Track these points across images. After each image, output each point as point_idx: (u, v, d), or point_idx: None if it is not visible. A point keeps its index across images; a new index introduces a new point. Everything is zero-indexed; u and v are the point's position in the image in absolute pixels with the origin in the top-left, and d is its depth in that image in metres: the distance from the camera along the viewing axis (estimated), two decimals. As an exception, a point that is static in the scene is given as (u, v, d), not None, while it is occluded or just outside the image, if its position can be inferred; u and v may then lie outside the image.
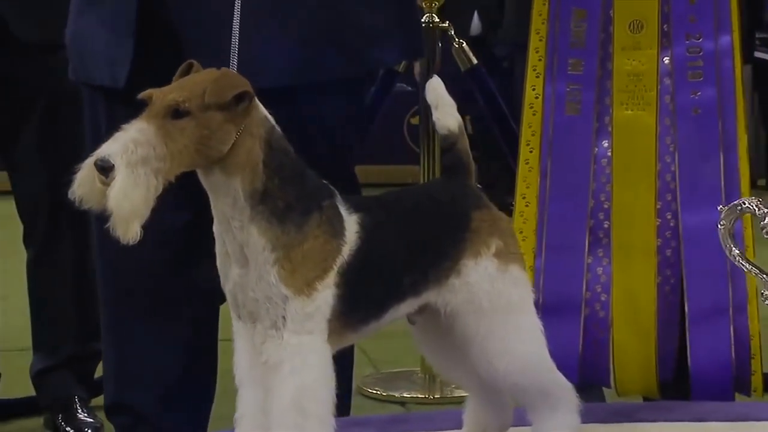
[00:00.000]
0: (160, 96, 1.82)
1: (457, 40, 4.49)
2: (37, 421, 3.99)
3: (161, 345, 2.76)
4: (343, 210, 1.97)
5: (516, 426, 2.29)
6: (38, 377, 3.92)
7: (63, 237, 3.73)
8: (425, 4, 4.52)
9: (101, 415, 3.06)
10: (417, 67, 5.99)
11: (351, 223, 1.96)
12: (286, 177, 1.91)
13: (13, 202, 3.91)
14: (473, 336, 2.09)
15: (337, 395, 2.74)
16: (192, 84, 1.84)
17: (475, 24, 7.96)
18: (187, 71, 1.90)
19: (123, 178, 1.75)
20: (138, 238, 1.79)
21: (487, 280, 2.09)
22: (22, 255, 3.99)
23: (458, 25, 6.12)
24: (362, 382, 4.53)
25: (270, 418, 1.93)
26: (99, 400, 3.81)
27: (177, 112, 1.81)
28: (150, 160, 1.77)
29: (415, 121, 7.57)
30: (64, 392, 3.88)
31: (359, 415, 2.99)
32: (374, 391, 4.47)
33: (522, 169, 2.83)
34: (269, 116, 1.93)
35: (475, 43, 7.55)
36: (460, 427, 2.30)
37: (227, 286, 1.97)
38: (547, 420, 2.18)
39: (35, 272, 3.91)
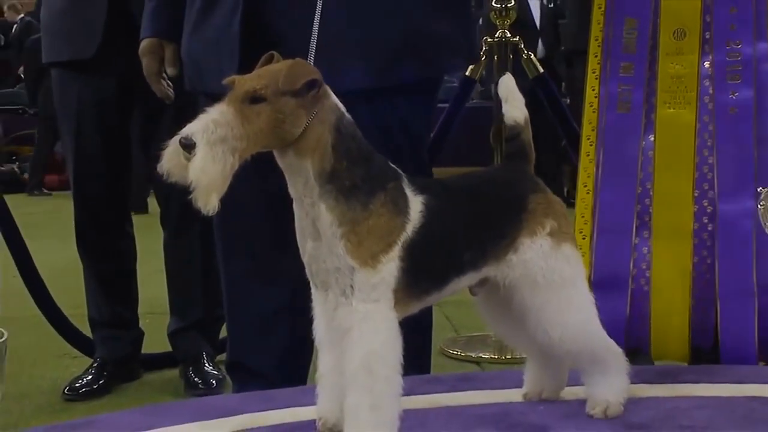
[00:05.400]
0: (241, 83, 1.70)
1: (526, 52, 4.29)
2: (174, 373, 4.00)
3: (268, 309, 2.65)
4: (408, 191, 1.81)
5: (570, 386, 2.14)
6: (173, 336, 3.92)
7: (192, 220, 3.60)
8: (498, 22, 4.34)
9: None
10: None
11: (416, 203, 1.80)
12: (353, 160, 1.76)
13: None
14: (529, 308, 1.93)
15: (418, 356, 2.65)
16: (269, 73, 1.72)
17: (540, 49, 9.52)
18: (269, 62, 1.79)
19: (202, 154, 1.63)
20: (216, 209, 1.66)
21: (542, 257, 1.92)
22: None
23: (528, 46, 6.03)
24: (444, 344, 4.44)
25: (343, 379, 1.78)
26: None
27: (254, 98, 1.68)
28: (228, 139, 1.65)
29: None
30: (193, 349, 3.85)
31: (439, 372, 2.85)
32: (454, 352, 4.35)
33: (583, 161, 2.67)
34: (340, 104, 1.79)
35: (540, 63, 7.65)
36: (521, 386, 2.16)
37: (304, 258, 1.83)
38: (598, 382, 2.03)
39: (169, 249, 3.87)
